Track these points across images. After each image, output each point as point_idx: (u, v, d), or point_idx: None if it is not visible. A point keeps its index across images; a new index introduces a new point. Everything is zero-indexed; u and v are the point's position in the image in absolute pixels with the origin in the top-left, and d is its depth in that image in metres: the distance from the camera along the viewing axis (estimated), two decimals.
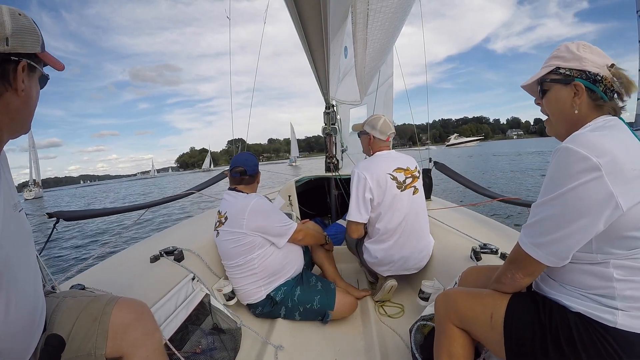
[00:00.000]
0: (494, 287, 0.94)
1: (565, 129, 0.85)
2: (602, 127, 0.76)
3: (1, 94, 0.67)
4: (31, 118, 0.76)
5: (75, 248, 8.47)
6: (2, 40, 0.64)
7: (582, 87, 0.80)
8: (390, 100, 4.88)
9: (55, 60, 0.77)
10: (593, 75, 0.79)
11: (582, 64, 0.80)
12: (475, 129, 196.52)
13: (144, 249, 1.72)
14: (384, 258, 1.76)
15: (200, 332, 1.38)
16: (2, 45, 0.64)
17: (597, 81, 0.79)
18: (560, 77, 0.84)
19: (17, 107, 0.69)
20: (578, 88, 0.80)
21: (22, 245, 0.75)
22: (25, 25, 0.68)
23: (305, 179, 3.54)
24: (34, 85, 0.74)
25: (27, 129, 0.76)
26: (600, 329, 0.73)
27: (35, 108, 0.76)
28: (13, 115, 0.69)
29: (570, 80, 0.82)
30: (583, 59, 0.80)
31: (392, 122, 1.84)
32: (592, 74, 0.79)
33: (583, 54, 0.80)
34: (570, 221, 0.71)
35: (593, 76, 0.79)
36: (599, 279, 0.75)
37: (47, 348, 0.79)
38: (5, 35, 0.64)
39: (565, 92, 0.83)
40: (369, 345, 1.50)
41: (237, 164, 1.72)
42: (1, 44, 0.64)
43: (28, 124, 0.76)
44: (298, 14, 1.56)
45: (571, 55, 0.82)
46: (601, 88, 0.79)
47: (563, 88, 0.83)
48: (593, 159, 0.67)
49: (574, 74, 0.81)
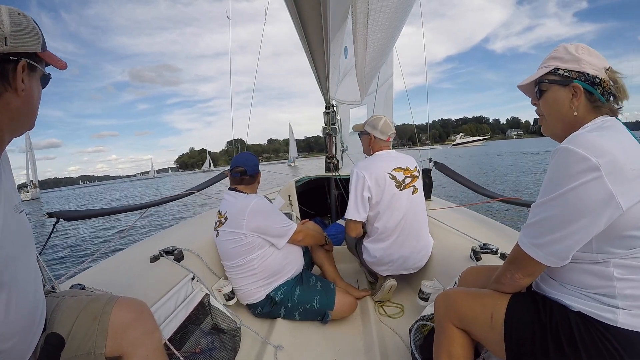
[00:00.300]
0: (494, 287, 0.94)
1: (562, 129, 0.85)
2: (601, 128, 0.77)
3: (1, 94, 0.66)
4: (34, 116, 0.76)
5: (75, 248, 8.47)
6: (1, 40, 0.64)
7: (580, 88, 0.80)
8: (390, 101, 4.88)
9: (57, 59, 0.77)
10: (592, 78, 0.79)
11: (581, 66, 0.80)
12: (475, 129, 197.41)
13: (144, 249, 1.72)
14: (383, 257, 1.76)
15: (199, 332, 1.38)
16: (1, 45, 0.64)
17: (595, 83, 0.79)
18: (558, 78, 0.84)
19: (17, 107, 0.69)
20: (576, 90, 0.80)
21: (22, 246, 0.76)
22: (24, 24, 0.68)
23: (305, 179, 3.54)
24: (35, 84, 0.74)
25: (31, 126, 0.76)
26: (601, 328, 0.73)
27: (38, 107, 0.76)
28: (13, 115, 0.70)
29: (569, 81, 0.82)
30: (582, 61, 0.80)
31: (392, 123, 1.85)
32: (590, 76, 0.79)
33: (582, 56, 0.80)
34: (570, 221, 0.71)
35: (592, 78, 0.79)
36: (600, 278, 0.75)
37: (47, 347, 0.79)
38: (4, 35, 0.64)
39: (564, 94, 0.83)
40: (368, 345, 1.50)
41: (238, 164, 1.72)
42: (0, 43, 0.64)
43: (31, 122, 0.76)
44: (298, 14, 1.56)
45: (570, 57, 0.82)
46: (599, 90, 0.79)
47: (561, 89, 0.83)
48: (592, 159, 0.67)
49: (573, 75, 0.81)
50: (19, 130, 0.74)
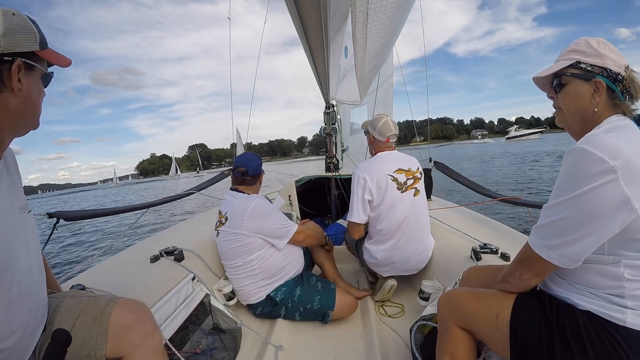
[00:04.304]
0: (500, 287, 0.93)
1: (579, 123, 0.84)
2: (616, 128, 0.75)
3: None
4: (35, 115, 0.76)
5: (75, 248, 8.47)
6: None
7: (603, 84, 0.78)
8: (390, 100, 4.88)
9: (59, 57, 0.77)
10: (614, 74, 0.78)
11: (604, 61, 0.78)
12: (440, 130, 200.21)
13: (144, 249, 1.72)
14: (384, 259, 1.75)
15: (200, 332, 1.38)
16: None
17: (617, 80, 0.78)
18: (580, 72, 0.81)
19: (15, 107, 0.69)
20: (599, 85, 0.79)
21: (27, 246, 0.76)
22: (19, 24, 0.67)
23: (306, 179, 3.54)
24: (35, 83, 0.73)
25: (35, 125, 0.77)
26: (610, 328, 0.73)
27: (40, 105, 0.76)
28: (12, 115, 0.70)
29: (591, 76, 0.80)
30: (605, 56, 0.78)
31: (394, 123, 1.83)
32: (613, 73, 0.78)
33: (604, 51, 0.79)
34: (585, 224, 0.70)
35: (614, 75, 0.78)
36: (610, 279, 0.75)
37: (54, 343, 0.78)
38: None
39: (585, 88, 0.81)
40: (369, 345, 1.50)
41: (239, 165, 1.72)
42: None
43: (33, 120, 0.76)
44: (298, 14, 1.56)
45: (592, 51, 0.80)
46: (620, 88, 0.78)
47: (583, 83, 0.81)
48: (609, 162, 0.66)
49: (596, 70, 0.79)
50: (21, 130, 0.74)
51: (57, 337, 0.79)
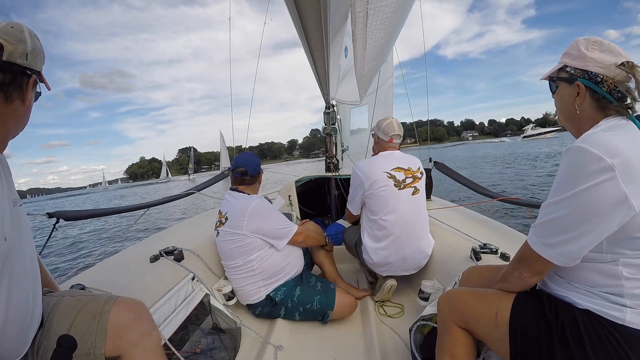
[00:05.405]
0: (500, 286, 0.93)
1: (571, 126, 0.86)
2: (614, 127, 0.76)
3: (13, 100, 0.75)
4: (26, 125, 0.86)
5: (75, 248, 8.48)
6: (24, 55, 0.74)
7: (582, 87, 0.79)
8: (390, 101, 4.88)
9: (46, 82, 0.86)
10: (594, 76, 0.78)
11: (585, 64, 0.79)
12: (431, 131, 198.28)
13: (144, 249, 1.72)
14: (383, 258, 1.75)
15: (200, 332, 1.38)
16: (23, 60, 0.74)
17: (598, 82, 0.78)
18: (566, 75, 0.83)
19: (21, 114, 0.79)
20: (580, 88, 0.80)
21: (21, 239, 0.78)
22: (37, 45, 0.78)
23: (305, 179, 3.54)
24: (32, 98, 0.83)
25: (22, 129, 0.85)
26: (609, 326, 0.73)
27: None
28: (17, 120, 0.79)
29: (573, 79, 0.81)
30: (587, 59, 0.79)
31: (398, 125, 1.85)
32: (593, 74, 0.78)
33: (589, 53, 0.79)
34: (583, 222, 0.70)
35: (594, 77, 0.79)
36: (608, 277, 0.75)
37: (60, 349, 0.79)
38: (26, 52, 0.75)
39: (568, 91, 0.83)
40: (368, 345, 1.50)
41: (239, 165, 1.72)
42: (22, 58, 0.74)
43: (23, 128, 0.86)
44: (298, 14, 1.56)
45: (577, 54, 0.81)
46: (605, 89, 0.78)
47: (567, 87, 0.83)
48: (607, 160, 0.66)
49: (577, 73, 0.81)
50: (17, 134, 0.83)
51: (63, 343, 0.79)
